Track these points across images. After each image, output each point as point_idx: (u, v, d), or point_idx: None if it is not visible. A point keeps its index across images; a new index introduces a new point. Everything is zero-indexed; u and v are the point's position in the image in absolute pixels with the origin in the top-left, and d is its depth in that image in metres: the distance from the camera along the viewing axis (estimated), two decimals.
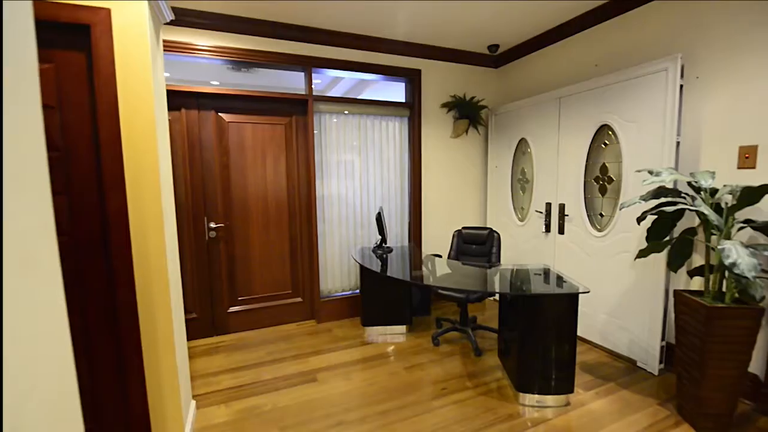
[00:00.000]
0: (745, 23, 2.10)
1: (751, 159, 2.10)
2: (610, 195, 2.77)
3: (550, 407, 2.17)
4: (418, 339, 3.08)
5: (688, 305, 1.95)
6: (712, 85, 2.26)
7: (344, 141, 3.48)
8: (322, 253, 3.48)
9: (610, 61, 2.84)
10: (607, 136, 2.77)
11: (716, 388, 1.89)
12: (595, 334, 2.90)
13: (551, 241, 3.23)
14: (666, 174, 1.99)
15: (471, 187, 4.04)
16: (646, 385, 2.37)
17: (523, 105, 3.45)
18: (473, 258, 3.21)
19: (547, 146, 3.23)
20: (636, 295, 2.58)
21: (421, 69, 3.63)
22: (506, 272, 2.66)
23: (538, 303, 2.14)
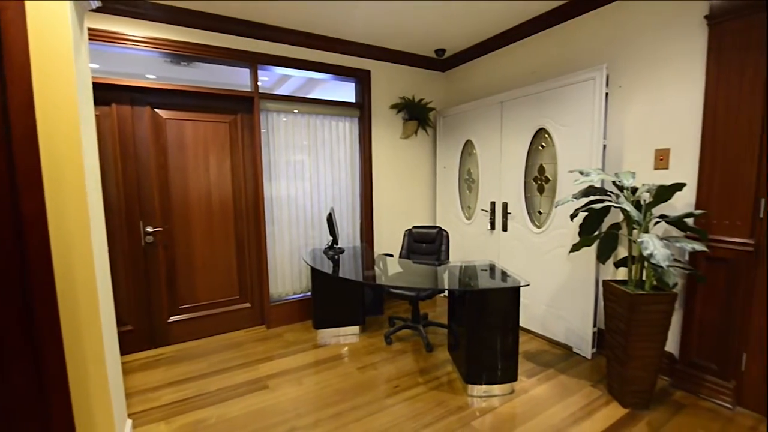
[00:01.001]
0: (659, 39, 2.35)
1: (664, 161, 2.36)
2: (547, 194, 2.97)
3: (497, 396, 2.28)
4: (371, 339, 3.09)
5: (614, 293, 2.15)
6: (632, 94, 2.51)
7: (294, 140, 3.40)
8: (272, 255, 3.37)
9: (546, 69, 3.04)
10: (544, 139, 2.97)
11: (639, 367, 2.10)
12: (536, 324, 3.10)
13: (496, 238, 3.39)
14: (594, 174, 2.18)
15: (421, 186, 4.13)
16: (580, 369, 2.58)
17: (469, 108, 3.59)
18: (424, 256, 3.28)
19: (491, 148, 3.39)
20: (571, 286, 2.79)
21: (370, 70, 3.65)
22: (455, 269, 2.75)
23: (483, 297, 2.24)
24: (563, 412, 2.13)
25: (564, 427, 1.99)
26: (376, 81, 3.70)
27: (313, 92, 4.19)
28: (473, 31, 3.26)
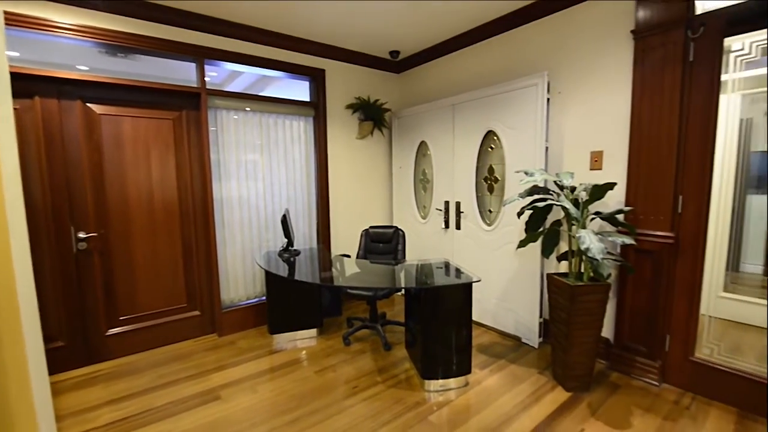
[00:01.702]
0: (593, 50, 2.55)
1: (598, 162, 2.56)
2: (496, 193, 3.12)
3: (453, 389, 2.35)
4: (329, 341, 3.06)
5: (557, 285, 2.30)
6: (570, 100, 2.70)
7: (246, 140, 3.28)
8: (223, 260, 3.22)
9: (494, 74, 3.18)
10: (493, 141, 3.11)
11: (580, 353, 2.27)
12: (488, 317, 3.24)
13: (450, 237, 3.50)
14: (538, 174, 2.32)
15: (378, 187, 4.16)
16: (529, 358, 2.73)
17: (423, 110, 3.67)
18: (381, 256, 3.31)
19: (444, 149, 3.49)
20: (519, 280, 2.95)
21: (325, 69, 3.61)
22: (411, 268, 2.80)
23: (438, 294, 2.30)
24: (514, 399, 2.24)
25: (514, 414, 2.10)
26: (331, 80, 3.66)
27: (266, 90, 4.07)
28: (425, 34, 3.34)
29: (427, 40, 3.48)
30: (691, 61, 2.13)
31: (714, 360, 2.23)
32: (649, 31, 2.23)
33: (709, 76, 2.08)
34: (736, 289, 3.32)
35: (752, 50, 2.10)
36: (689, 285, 2.23)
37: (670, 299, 2.29)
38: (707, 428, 1.96)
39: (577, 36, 2.62)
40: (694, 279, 2.21)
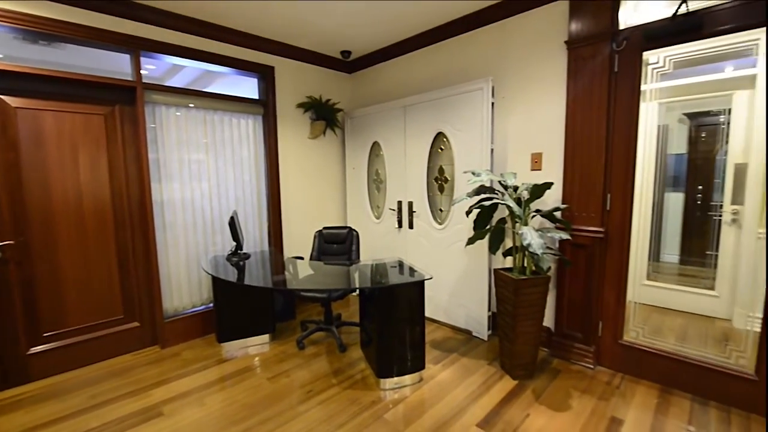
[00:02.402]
0: (532, 58, 2.72)
1: (538, 163, 2.74)
2: (447, 193, 3.22)
3: (408, 386, 2.39)
4: (282, 346, 2.98)
5: (502, 280, 2.43)
6: (513, 104, 2.85)
7: (190, 138, 3.09)
8: (165, 266, 3.02)
9: (444, 77, 3.28)
10: (442, 142, 3.21)
11: (524, 342, 2.40)
12: (440, 313, 3.33)
13: (403, 236, 3.56)
14: (484, 175, 2.43)
15: (331, 187, 4.12)
16: (479, 350, 2.85)
17: (375, 110, 3.70)
18: (335, 257, 3.28)
19: (396, 149, 3.54)
20: (469, 276, 3.06)
21: (274, 66, 3.52)
22: (366, 268, 2.81)
23: (392, 293, 2.32)
24: (465, 391, 2.33)
25: (466, 405, 2.18)
26: (281, 78, 3.57)
27: (211, 86, 3.87)
28: (376, 36, 3.36)
29: (378, 41, 3.51)
30: (616, 71, 2.34)
31: (639, 342, 2.47)
32: (581, 42, 2.43)
33: (630, 85, 2.30)
34: (657, 277, 3.69)
35: (666, 64, 2.36)
36: (617, 275, 2.45)
37: (601, 288, 2.50)
38: (635, 404, 2.17)
39: (519, 44, 2.78)
40: (621, 269, 2.44)
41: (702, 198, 3.66)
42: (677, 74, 3.23)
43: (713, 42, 2.25)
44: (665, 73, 2.39)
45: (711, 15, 2.02)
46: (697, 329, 2.98)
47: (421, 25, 3.17)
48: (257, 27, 3.13)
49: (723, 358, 2.26)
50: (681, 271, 3.74)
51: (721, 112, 3.36)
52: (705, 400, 2.18)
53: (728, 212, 3.12)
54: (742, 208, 3.01)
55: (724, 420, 2.01)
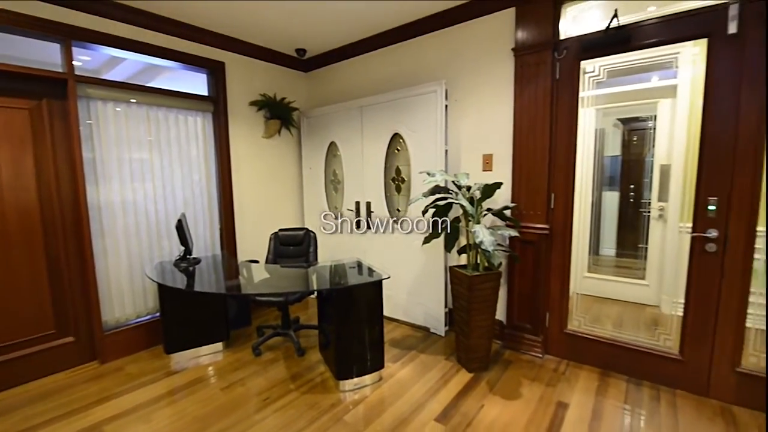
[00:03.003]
0: (483, 63, 2.83)
1: (489, 164, 2.86)
2: (404, 193, 3.27)
3: (368, 386, 2.40)
4: (237, 353, 2.87)
5: (457, 277, 2.51)
6: (465, 107, 2.95)
7: (131, 135, 2.88)
8: (104, 275, 2.79)
9: (399, 79, 3.32)
10: (398, 143, 3.25)
11: (479, 336, 2.50)
12: (399, 312, 3.38)
13: (362, 236, 3.56)
14: (439, 175, 2.50)
15: (288, 188, 4.03)
16: (437, 347, 2.92)
17: (332, 110, 3.67)
18: (292, 259, 3.21)
19: (353, 150, 3.54)
20: (426, 274, 3.13)
21: (225, 62, 3.37)
22: (324, 269, 2.78)
23: (349, 294, 2.32)
24: (424, 387, 2.38)
25: (425, 401, 2.23)
26: (232, 75, 3.43)
27: (155, 81, 3.64)
28: (331, 35, 3.33)
29: (334, 41, 3.48)
30: (557, 79, 2.50)
31: (581, 330, 2.66)
32: (526, 50, 2.56)
33: (570, 92, 2.47)
34: (597, 270, 3.99)
35: (601, 72, 2.56)
36: (561, 268, 2.62)
37: (548, 282, 2.66)
38: (578, 388, 2.33)
39: (470, 49, 2.88)
40: (565, 263, 2.61)
41: (634, 196, 4.01)
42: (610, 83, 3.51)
43: (641, 54, 2.46)
44: (600, 82, 2.59)
45: (638, 29, 2.22)
46: (631, 316, 3.26)
47: (376, 26, 3.18)
48: (205, 20, 2.99)
49: (653, 341, 2.49)
50: (617, 263, 4.08)
51: (648, 118, 3.70)
52: (639, 381, 2.39)
53: (655, 209, 3.45)
54: (666, 204, 3.34)
55: (655, 397, 2.22)
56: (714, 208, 2.08)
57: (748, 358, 2.12)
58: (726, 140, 2.02)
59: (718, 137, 2.05)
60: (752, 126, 1.95)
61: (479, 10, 2.76)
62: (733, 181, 2.02)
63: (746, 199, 1.99)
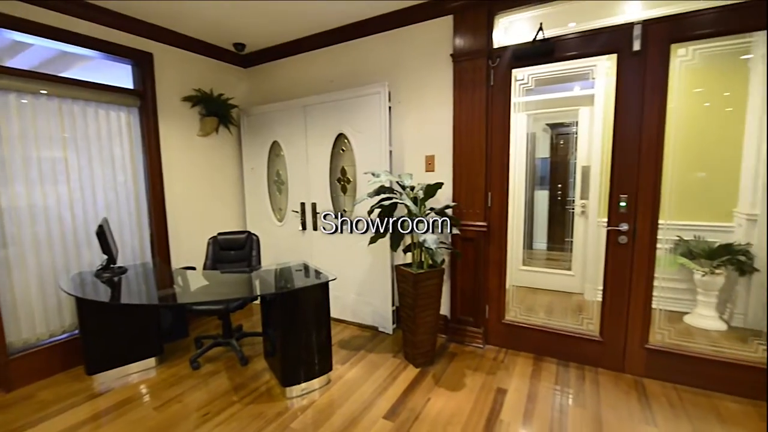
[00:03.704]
0: (425, 66, 2.91)
1: (432, 165, 2.96)
2: (350, 193, 3.27)
3: (316, 390, 2.36)
4: (173, 368, 2.67)
5: (402, 275, 2.57)
6: (408, 109, 3.02)
7: (40, 131, 2.55)
8: (8, 291, 2.44)
9: (343, 79, 3.31)
10: (343, 144, 3.24)
11: (424, 332, 2.57)
12: (348, 313, 3.37)
13: (308, 238, 3.50)
14: (383, 176, 2.53)
15: (228, 189, 3.83)
16: (384, 345, 2.96)
17: (274, 109, 3.55)
18: (233, 264, 3.06)
19: (297, 150, 3.46)
20: (373, 274, 3.16)
21: (153, 53, 3.12)
22: (268, 273, 2.68)
23: (295, 297, 2.27)
24: (372, 386, 2.39)
25: (373, 399, 2.25)
26: (162, 67, 3.18)
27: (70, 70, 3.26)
28: (272, 31, 3.23)
29: (275, 37, 3.37)
30: (492, 85, 2.66)
31: (517, 320, 2.85)
32: (463, 56, 2.69)
33: (503, 98, 2.64)
34: (530, 263, 4.31)
35: (529, 81, 2.76)
36: (498, 263, 2.79)
37: (486, 276, 2.82)
38: (516, 374, 2.50)
39: (412, 53, 2.96)
40: (501, 258, 2.78)
41: (561, 194, 4.41)
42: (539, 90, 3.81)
43: (563, 65, 2.70)
44: (529, 89, 2.80)
45: (561, 42, 2.43)
46: (560, 304, 3.57)
47: (319, 25, 3.15)
48: (131, 7, 2.74)
49: (578, 325, 2.75)
50: (548, 256, 4.45)
51: (571, 123, 4.08)
52: (567, 363, 2.62)
53: (579, 206, 3.81)
54: (587, 202, 3.70)
55: (580, 377, 2.45)
56: (624, 205, 2.34)
57: (655, 335, 2.42)
58: (633, 145, 2.29)
59: (626, 142, 2.31)
60: (653, 133, 2.23)
61: (420, 15, 2.85)
62: (638, 181, 2.30)
63: (649, 197, 2.28)
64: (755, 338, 2.56)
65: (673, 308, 3.15)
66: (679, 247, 3.04)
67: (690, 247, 2.95)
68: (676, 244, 3.07)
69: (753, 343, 2.52)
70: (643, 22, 2.20)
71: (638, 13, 2.56)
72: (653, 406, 2.13)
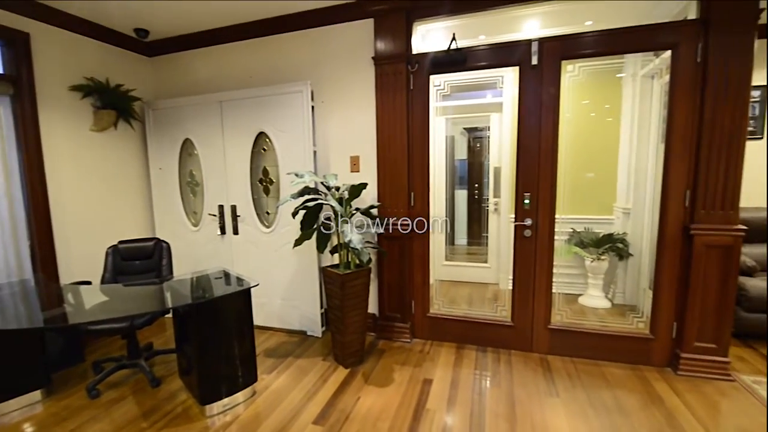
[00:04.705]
0: (348, 68, 2.91)
1: (357, 165, 2.98)
2: (273, 195, 3.14)
3: (240, 403, 2.23)
4: (65, 400, 2.30)
5: (330, 276, 2.55)
6: (331, 109, 3.00)
7: None
8: None
9: (264, 75, 3.16)
10: (265, 143, 3.11)
11: (353, 332, 2.59)
12: (274, 319, 3.24)
13: (228, 243, 3.28)
14: (307, 176, 2.48)
15: (132, 192, 3.42)
16: (314, 349, 2.91)
17: (186, 103, 3.26)
18: (139, 276, 2.74)
19: (213, 148, 3.22)
20: (300, 277, 3.08)
21: (30, 33, 2.65)
22: (183, 283, 2.46)
23: (213, 307, 2.11)
24: (301, 392, 2.34)
25: (302, 406, 2.19)
26: (42, 50, 2.72)
27: None
28: (180, 18, 2.97)
29: (185, 24, 3.10)
30: (412, 89, 2.76)
31: (441, 312, 3.01)
32: (384, 60, 2.75)
33: (422, 102, 2.76)
34: (453, 258, 4.59)
35: (446, 87, 2.93)
36: (422, 259, 2.91)
37: (412, 272, 2.93)
38: (440, 363, 2.63)
39: (335, 53, 2.94)
40: (425, 254, 2.91)
41: (477, 193, 4.77)
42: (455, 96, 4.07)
43: (476, 74, 2.92)
44: (446, 95, 2.97)
45: (472, 53, 2.62)
46: (478, 295, 3.85)
47: (235, 16, 2.97)
48: None
49: (493, 313, 3.00)
50: (468, 251, 4.78)
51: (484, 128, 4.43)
52: (485, 348, 2.84)
53: (492, 204, 4.15)
54: (499, 200, 4.05)
55: (496, 360, 2.67)
56: (528, 202, 2.61)
57: (555, 316, 2.74)
58: (533, 149, 2.56)
59: (528, 146, 2.58)
60: (549, 138, 2.52)
61: (341, 16, 2.85)
62: (539, 181, 2.58)
63: (548, 195, 2.57)
64: (631, 312, 3.05)
65: (570, 291, 3.61)
66: (573, 238, 3.49)
67: (581, 238, 3.40)
68: (570, 236, 3.53)
69: (629, 316, 2.99)
70: (539, 39, 2.47)
71: (536, 31, 2.88)
72: (555, 379, 2.41)
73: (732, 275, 2.26)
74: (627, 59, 3.13)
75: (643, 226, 3.06)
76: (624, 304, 3.37)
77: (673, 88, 2.29)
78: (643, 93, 3.05)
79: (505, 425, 1.99)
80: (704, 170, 2.24)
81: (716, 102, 2.18)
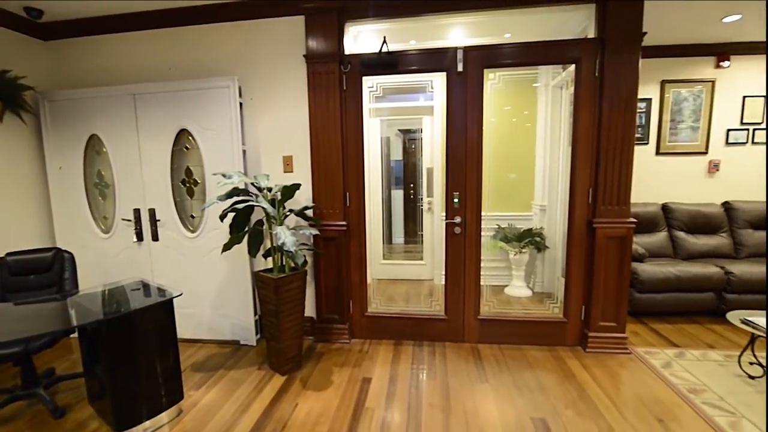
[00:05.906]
0: (280, 65, 2.82)
1: (290, 165, 2.90)
2: (198, 197, 2.93)
3: (165, 425, 2.05)
4: None
5: (263, 281, 2.45)
6: (262, 107, 2.88)
7: None
8: None
9: (186, 67, 2.93)
10: (188, 141, 2.89)
11: (289, 337, 2.51)
12: (203, 330, 3.02)
13: (146, 250, 2.99)
14: (236, 177, 2.36)
15: (22, 195, 2.95)
16: (248, 358, 2.77)
17: (92, 95, 2.90)
18: (36, 292, 2.38)
19: (126, 146, 2.91)
20: (230, 283, 2.92)
21: None
22: (89, 298, 2.18)
23: (129, 322, 1.91)
24: (234, 405, 2.21)
25: (236, 419, 2.08)
26: None
27: None
28: None
29: (89, 7, 2.76)
30: (345, 89, 2.76)
31: (379, 311, 3.05)
32: (316, 59, 2.71)
33: (356, 103, 2.77)
34: (390, 256, 4.67)
35: (378, 89, 2.98)
36: (359, 259, 2.93)
37: (349, 272, 2.93)
38: (379, 361, 2.67)
39: (264, 49, 2.82)
40: (362, 254, 2.93)
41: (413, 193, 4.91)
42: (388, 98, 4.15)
43: (407, 77, 3.01)
44: (378, 97, 3.02)
45: (404, 57, 2.69)
46: (415, 291, 3.97)
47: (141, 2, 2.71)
48: None
49: (428, 308, 3.12)
50: (405, 249, 4.90)
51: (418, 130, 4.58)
52: (421, 343, 2.94)
53: (426, 203, 4.31)
54: (432, 199, 4.22)
55: (431, 353, 2.78)
56: (457, 201, 2.76)
57: (484, 307, 2.93)
58: (461, 150, 2.71)
59: (456, 148, 2.72)
60: (474, 141, 2.69)
61: (271, 10, 2.75)
62: (466, 181, 2.73)
63: (474, 193, 2.74)
64: (548, 299, 3.37)
65: (496, 283, 3.88)
66: (498, 234, 3.76)
67: (505, 233, 3.68)
68: (495, 231, 3.80)
69: (547, 303, 3.30)
70: (464, 47, 2.62)
71: (462, 39, 3.05)
72: (485, 366, 2.57)
73: (626, 262, 2.61)
74: (540, 70, 3.46)
75: (556, 221, 3.40)
76: (542, 291, 3.72)
77: (576, 98, 2.57)
78: (554, 101, 3.40)
79: (440, 415, 2.08)
80: (603, 170, 2.56)
81: (611, 111, 2.50)
